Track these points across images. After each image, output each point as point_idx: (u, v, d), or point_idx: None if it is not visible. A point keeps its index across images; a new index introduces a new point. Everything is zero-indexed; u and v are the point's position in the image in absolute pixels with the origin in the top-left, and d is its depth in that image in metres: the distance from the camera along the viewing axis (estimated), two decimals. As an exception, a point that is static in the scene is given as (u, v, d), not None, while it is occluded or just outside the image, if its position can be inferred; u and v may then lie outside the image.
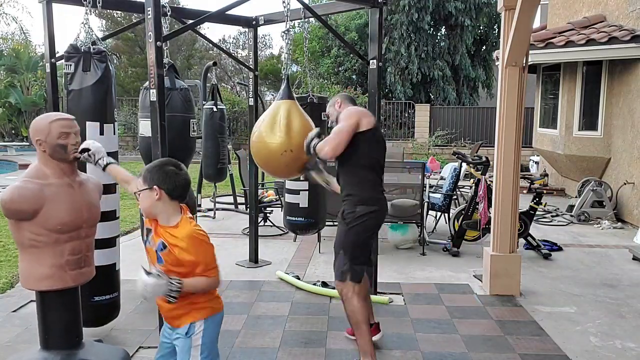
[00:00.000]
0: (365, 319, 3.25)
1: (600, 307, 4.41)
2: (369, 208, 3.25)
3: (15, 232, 2.72)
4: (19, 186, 2.67)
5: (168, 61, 4.06)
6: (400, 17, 17.42)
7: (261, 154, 3.57)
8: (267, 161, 3.58)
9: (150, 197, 2.28)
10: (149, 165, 2.35)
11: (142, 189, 2.30)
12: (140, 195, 2.32)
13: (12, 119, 19.50)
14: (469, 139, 15.71)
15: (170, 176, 2.29)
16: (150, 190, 2.27)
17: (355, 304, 3.24)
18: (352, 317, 3.27)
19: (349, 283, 3.26)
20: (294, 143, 3.44)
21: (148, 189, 2.28)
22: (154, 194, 2.27)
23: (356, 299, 3.24)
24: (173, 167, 2.32)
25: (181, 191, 2.32)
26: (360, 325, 3.23)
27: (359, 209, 3.24)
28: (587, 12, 9.20)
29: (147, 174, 2.30)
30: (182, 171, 2.33)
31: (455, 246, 6.00)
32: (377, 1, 4.27)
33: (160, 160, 2.42)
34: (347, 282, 3.26)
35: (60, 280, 2.78)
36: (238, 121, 17.30)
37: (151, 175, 2.29)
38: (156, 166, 2.32)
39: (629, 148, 7.80)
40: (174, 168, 2.32)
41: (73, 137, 2.79)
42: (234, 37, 29.36)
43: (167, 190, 2.27)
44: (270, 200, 7.62)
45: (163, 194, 2.27)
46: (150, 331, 3.75)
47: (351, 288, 3.26)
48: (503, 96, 4.56)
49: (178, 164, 2.37)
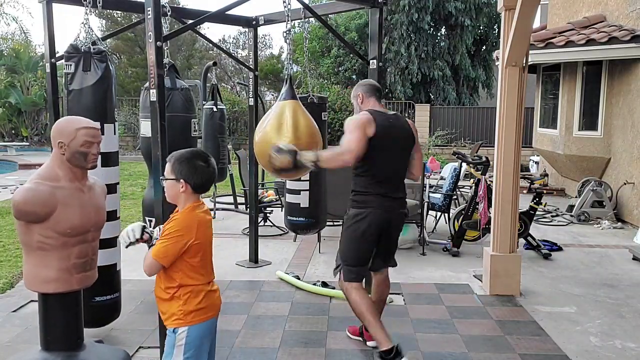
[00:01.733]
0: (369, 308, 3.30)
1: (600, 307, 4.41)
2: (359, 211, 3.31)
3: (24, 234, 2.70)
4: (32, 188, 2.64)
5: (168, 61, 4.06)
6: (400, 17, 17.42)
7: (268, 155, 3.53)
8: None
9: (176, 187, 2.31)
10: (179, 155, 2.34)
11: (169, 177, 2.32)
12: (165, 182, 2.34)
13: (12, 119, 19.50)
14: (469, 139, 15.71)
15: (199, 171, 2.31)
16: (177, 182, 2.30)
17: (353, 297, 3.33)
18: (355, 309, 3.36)
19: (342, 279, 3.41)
20: (301, 144, 3.45)
21: (174, 180, 2.30)
22: (179, 185, 2.29)
23: (354, 293, 3.34)
24: (202, 162, 2.33)
25: (207, 186, 2.37)
26: (365, 315, 3.29)
27: (351, 211, 3.35)
28: (587, 12, 9.20)
29: (176, 165, 2.31)
30: (210, 166, 2.35)
31: (455, 246, 6.00)
32: (377, 1, 4.27)
33: (190, 151, 2.40)
34: (341, 278, 3.41)
35: (67, 283, 2.77)
36: (238, 121, 17.30)
37: (180, 168, 2.30)
38: (187, 159, 2.32)
39: (629, 148, 7.80)
40: (203, 163, 2.33)
41: (95, 147, 2.79)
42: (234, 37, 29.38)
43: (193, 185, 2.30)
44: (270, 200, 7.62)
45: (188, 188, 2.29)
46: (150, 331, 3.75)
47: (347, 285, 3.37)
48: (503, 96, 4.56)
49: (207, 157, 2.37)
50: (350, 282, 3.36)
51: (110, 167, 3.56)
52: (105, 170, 3.46)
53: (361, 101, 3.47)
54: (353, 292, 3.34)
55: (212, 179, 2.38)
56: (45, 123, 18.85)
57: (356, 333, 3.76)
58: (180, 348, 2.31)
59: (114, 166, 3.61)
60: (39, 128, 19.46)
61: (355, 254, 3.37)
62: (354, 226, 3.32)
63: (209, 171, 2.34)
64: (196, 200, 2.36)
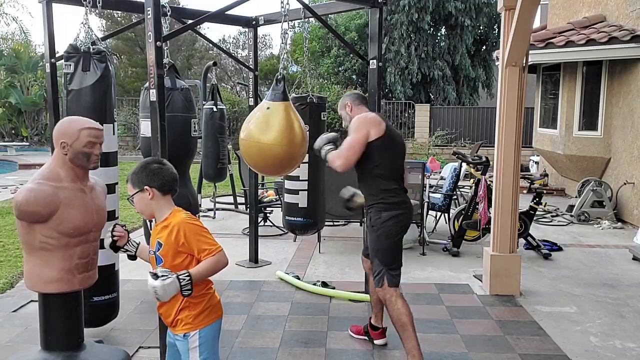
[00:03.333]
0: (411, 320, 3.20)
1: (600, 307, 4.41)
2: (393, 212, 3.24)
3: (26, 235, 2.70)
4: (34, 188, 2.63)
5: (168, 61, 4.05)
6: (400, 17, 17.42)
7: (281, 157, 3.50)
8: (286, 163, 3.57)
9: (144, 198, 2.32)
10: (132, 170, 2.38)
11: (133, 193, 2.34)
12: (134, 200, 2.35)
13: (12, 119, 19.51)
14: (469, 139, 15.71)
15: (157, 173, 2.33)
16: (142, 192, 2.32)
17: (399, 306, 3.20)
18: (397, 320, 3.21)
19: (384, 287, 3.24)
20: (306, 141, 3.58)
21: (140, 192, 2.33)
22: (146, 194, 2.31)
23: (400, 302, 3.21)
24: (156, 164, 2.37)
25: (171, 184, 2.36)
26: (407, 327, 3.18)
27: (384, 214, 3.24)
28: (587, 12, 9.20)
29: (134, 178, 2.34)
30: (165, 166, 2.38)
31: (455, 246, 6.00)
32: (377, 1, 4.27)
33: (141, 162, 2.44)
34: (386, 287, 3.24)
35: (69, 283, 2.77)
36: (238, 121, 17.28)
37: (138, 178, 2.33)
38: (140, 168, 2.36)
39: (629, 148, 7.80)
40: (158, 165, 2.36)
41: (98, 147, 2.80)
42: (234, 37, 29.35)
43: (157, 187, 2.32)
44: (270, 200, 7.63)
45: (155, 191, 2.31)
46: (150, 331, 3.75)
47: (393, 291, 3.23)
48: (503, 96, 4.56)
49: (160, 160, 2.42)
50: (395, 287, 3.24)
51: (109, 167, 3.56)
52: (104, 170, 3.45)
53: (350, 109, 3.49)
54: (399, 300, 3.22)
55: (173, 177, 2.38)
56: (45, 123, 18.86)
57: (360, 332, 3.74)
58: (195, 350, 2.30)
59: (113, 166, 3.61)
60: (39, 128, 19.47)
61: (397, 255, 3.30)
62: (391, 228, 3.23)
63: (166, 169, 2.36)
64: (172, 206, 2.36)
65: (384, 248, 3.27)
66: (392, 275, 3.25)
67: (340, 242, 6.49)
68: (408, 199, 3.38)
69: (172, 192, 2.38)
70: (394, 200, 3.26)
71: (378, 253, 3.28)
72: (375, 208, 3.28)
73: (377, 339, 3.62)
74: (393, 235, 3.26)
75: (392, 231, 3.24)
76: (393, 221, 3.23)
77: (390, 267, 3.26)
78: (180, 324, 2.32)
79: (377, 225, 3.26)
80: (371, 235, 3.32)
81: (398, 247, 3.31)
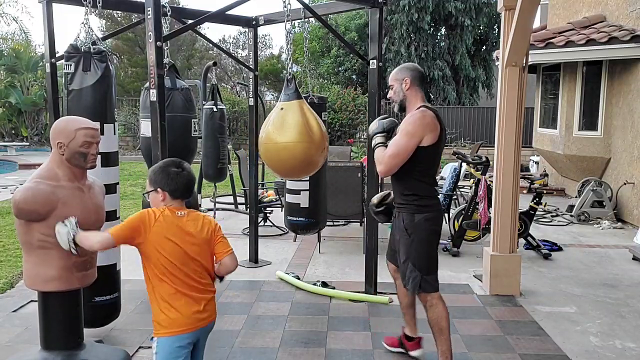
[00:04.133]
0: (449, 324, 3.15)
1: (600, 307, 4.41)
2: (427, 215, 3.07)
3: (24, 233, 2.71)
4: (32, 187, 2.65)
5: (168, 61, 4.05)
6: (400, 17, 17.43)
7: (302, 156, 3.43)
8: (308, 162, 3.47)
9: (156, 198, 2.37)
10: (154, 167, 2.42)
11: (148, 190, 2.40)
12: (149, 196, 2.41)
13: (12, 119, 19.51)
14: (469, 139, 15.70)
15: (172, 178, 2.35)
16: (156, 192, 2.36)
17: (440, 311, 3.11)
18: (436, 324, 3.13)
19: (423, 292, 3.12)
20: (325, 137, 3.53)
21: (154, 191, 2.37)
22: (159, 195, 2.36)
23: (441, 306, 3.11)
24: (175, 167, 2.37)
25: (183, 192, 2.38)
26: (445, 331, 3.12)
27: (419, 216, 3.07)
28: (587, 12, 9.20)
29: (152, 176, 2.39)
30: (184, 171, 2.38)
31: (455, 246, 6.00)
32: (377, 1, 4.27)
33: (164, 161, 2.46)
34: (422, 291, 3.12)
35: (67, 282, 2.78)
36: (238, 121, 17.30)
37: (155, 177, 2.37)
38: (159, 168, 2.39)
39: (629, 148, 7.80)
40: (176, 169, 2.37)
41: (95, 147, 2.81)
42: (234, 37, 29.39)
43: (169, 192, 2.35)
44: (270, 200, 7.62)
45: (167, 195, 2.35)
46: (150, 331, 3.72)
47: (434, 295, 3.13)
48: (503, 96, 4.56)
49: (181, 163, 2.40)
50: (435, 291, 3.11)
51: (110, 167, 3.56)
52: (105, 170, 3.46)
53: (407, 87, 3.15)
54: (441, 304, 3.10)
55: (188, 185, 2.39)
56: (45, 123, 18.86)
57: (395, 344, 3.53)
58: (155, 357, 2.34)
59: (113, 166, 3.61)
60: (39, 128, 19.47)
61: (434, 260, 3.15)
62: (429, 231, 3.08)
63: (183, 175, 2.37)
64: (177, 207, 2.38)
65: (422, 252, 3.08)
66: (432, 280, 3.11)
67: (340, 242, 6.49)
68: (439, 200, 3.25)
69: (184, 198, 2.40)
70: (427, 203, 3.08)
71: (414, 258, 3.09)
72: (408, 210, 3.09)
73: (413, 350, 3.44)
74: (428, 239, 3.10)
75: (426, 235, 3.09)
76: (428, 224, 3.06)
77: (429, 273, 3.10)
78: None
79: (410, 229, 3.08)
80: (403, 239, 3.12)
81: (435, 252, 3.16)
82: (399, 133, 3.04)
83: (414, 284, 3.11)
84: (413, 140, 2.96)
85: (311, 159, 3.46)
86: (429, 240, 3.12)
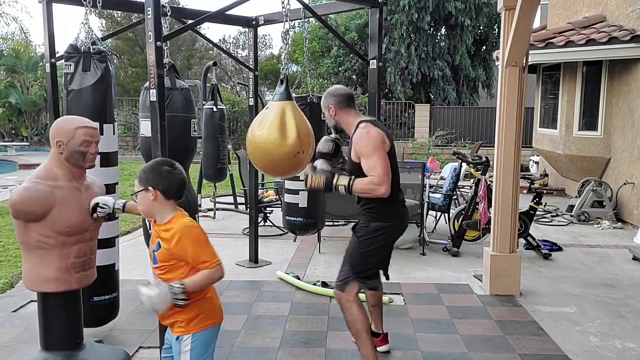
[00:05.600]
0: (365, 327, 3.16)
1: (600, 307, 4.41)
2: (383, 224, 3.14)
3: (22, 234, 2.70)
4: (29, 187, 2.64)
5: (168, 61, 4.05)
6: (400, 17, 17.42)
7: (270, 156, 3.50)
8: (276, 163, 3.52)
9: (147, 198, 2.28)
10: (144, 167, 2.35)
11: (138, 190, 2.31)
12: (137, 197, 2.32)
13: (12, 119, 19.51)
14: (469, 139, 15.71)
15: (165, 176, 2.28)
16: (146, 191, 2.28)
17: (354, 312, 3.15)
18: (351, 326, 3.18)
19: (347, 292, 3.18)
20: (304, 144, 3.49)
21: (144, 190, 2.29)
22: (149, 194, 2.27)
23: (355, 307, 3.16)
24: (167, 166, 2.31)
25: (176, 191, 2.31)
26: (361, 334, 3.14)
27: (372, 225, 3.15)
28: (587, 12, 9.20)
29: (142, 175, 2.31)
30: (176, 170, 2.32)
31: (455, 246, 6.00)
32: (377, 1, 4.27)
33: (155, 160, 2.42)
34: (346, 291, 3.18)
35: (66, 282, 2.78)
36: (238, 121, 17.30)
37: (146, 176, 2.29)
38: (150, 167, 2.32)
39: (629, 148, 7.80)
40: (168, 168, 2.31)
41: (94, 146, 2.79)
42: (234, 37, 29.34)
43: (162, 191, 2.27)
44: (270, 200, 7.63)
45: (158, 194, 2.27)
46: (150, 331, 3.75)
47: (350, 297, 3.17)
48: (503, 96, 4.56)
49: (172, 163, 2.36)
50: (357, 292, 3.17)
51: (109, 167, 3.56)
52: (104, 170, 3.46)
53: (334, 113, 3.27)
54: (354, 307, 3.16)
55: (181, 183, 2.33)
56: (45, 123, 18.86)
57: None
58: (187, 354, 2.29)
59: (113, 166, 3.61)
60: (39, 128, 19.47)
61: (374, 267, 3.21)
62: (377, 239, 3.15)
63: (175, 174, 2.31)
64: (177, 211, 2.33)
65: (363, 256, 3.17)
66: (364, 283, 3.19)
67: (340, 242, 6.48)
68: (403, 208, 3.26)
69: (177, 198, 2.33)
70: (386, 212, 3.15)
71: (353, 259, 3.19)
72: (367, 216, 3.19)
73: (380, 346, 3.53)
74: (378, 247, 3.16)
75: (378, 243, 3.15)
76: (379, 233, 3.14)
77: (363, 276, 3.18)
78: (175, 325, 2.32)
79: (360, 233, 3.19)
80: (352, 239, 3.24)
81: (379, 260, 3.21)
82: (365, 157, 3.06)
83: (343, 282, 3.20)
84: (381, 152, 3.03)
85: (278, 160, 3.48)
86: (376, 249, 3.16)
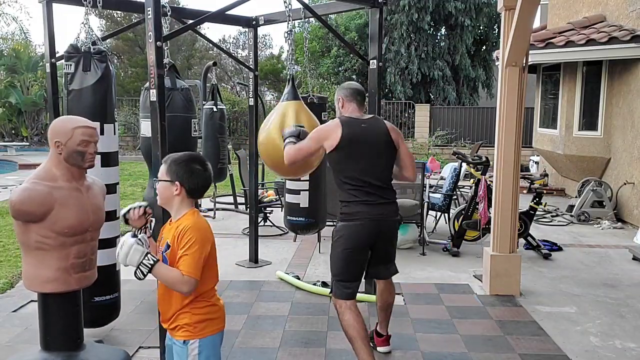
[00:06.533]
0: (359, 333, 3.10)
1: (600, 307, 4.41)
2: (348, 224, 3.14)
3: (22, 234, 2.70)
4: (28, 188, 2.63)
5: (168, 61, 4.05)
6: (400, 17, 17.43)
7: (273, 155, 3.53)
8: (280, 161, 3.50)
9: (170, 190, 2.23)
10: (176, 157, 2.27)
11: (163, 179, 2.25)
12: (159, 184, 2.26)
13: (12, 119, 19.52)
14: (469, 139, 15.71)
15: (195, 175, 2.23)
16: (172, 184, 2.22)
17: (346, 318, 3.12)
18: (346, 332, 3.15)
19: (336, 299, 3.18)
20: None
21: (170, 183, 2.23)
22: (174, 188, 2.22)
23: (348, 314, 3.11)
24: (199, 165, 2.26)
25: (201, 191, 2.29)
26: (355, 340, 3.10)
27: (339, 225, 3.19)
28: (587, 12, 9.20)
29: (172, 167, 2.23)
30: (207, 172, 2.28)
31: (455, 246, 6.00)
32: (377, 1, 4.27)
33: (189, 154, 2.32)
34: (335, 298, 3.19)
35: (65, 283, 2.77)
36: (238, 121, 17.31)
37: (177, 169, 2.22)
38: (184, 161, 2.24)
39: (629, 148, 7.80)
40: (200, 167, 2.26)
41: (93, 146, 2.78)
42: (234, 37, 29.34)
43: (187, 189, 2.23)
44: (270, 200, 7.62)
45: (183, 191, 2.22)
46: (150, 331, 3.75)
47: (342, 303, 3.14)
48: (503, 96, 4.56)
49: (204, 161, 2.31)
50: (345, 299, 3.13)
51: (110, 167, 3.56)
52: (105, 170, 3.46)
53: (342, 105, 3.36)
54: (347, 312, 3.11)
55: (208, 185, 2.30)
56: (45, 123, 18.86)
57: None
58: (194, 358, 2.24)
59: (114, 166, 3.61)
60: (39, 128, 19.48)
61: (346, 270, 3.16)
62: (341, 241, 3.14)
63: (205, 176, 2.27)
64: (193, 207, 2.28)
65: (335, 260, 3.19)
66: (342, 286, 3.15)
67: (340, 242, 6.48)
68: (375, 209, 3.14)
69: (198, 197, 2.30)
70: (348, 211, 3.14)
71: (331, 263, 3.23)
72: (338, 217, 3.25)
73: (381, 346, 3.53)
74: (343, 249, 3.14)
75: (341, 243, 3.14)
76: (344, 232, 3.14)
77: (340, 279, 3.16)
78: (180, 329, 2.26)
79: (333, 234, 3.22)
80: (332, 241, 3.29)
81: (350, 262, 3.16)
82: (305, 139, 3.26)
83: (331, 287, 3.26)
84: (312, 143, 3.19)
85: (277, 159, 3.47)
86: (344, 249, 3.14)
